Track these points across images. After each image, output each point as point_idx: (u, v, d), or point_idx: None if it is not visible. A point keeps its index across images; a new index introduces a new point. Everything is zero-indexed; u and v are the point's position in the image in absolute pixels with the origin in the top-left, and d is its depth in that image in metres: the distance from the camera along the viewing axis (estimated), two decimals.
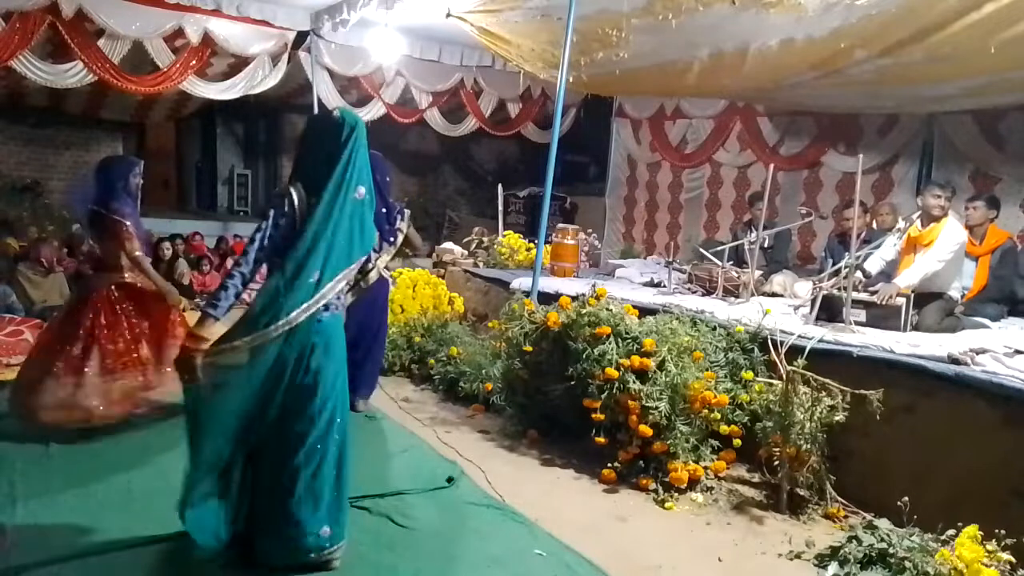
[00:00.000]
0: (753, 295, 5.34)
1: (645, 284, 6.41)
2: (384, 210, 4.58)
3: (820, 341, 4.04)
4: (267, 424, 2.80)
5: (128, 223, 4.28)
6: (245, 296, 2.88)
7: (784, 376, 3.74)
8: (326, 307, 2.82)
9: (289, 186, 2.85)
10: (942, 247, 4.51)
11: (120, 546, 3.03)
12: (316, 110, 8.13)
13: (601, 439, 4.05)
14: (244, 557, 2.89)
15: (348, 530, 2.99)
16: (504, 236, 7.83)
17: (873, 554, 2.93)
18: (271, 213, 2.79)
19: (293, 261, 2.73)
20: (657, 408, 3.89)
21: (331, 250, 2.77)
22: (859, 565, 2.93)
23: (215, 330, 2.74)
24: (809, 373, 3.72)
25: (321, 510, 2.85)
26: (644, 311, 4.67)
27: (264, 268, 2.83)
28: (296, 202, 2.79)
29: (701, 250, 6.14)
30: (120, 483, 3.63)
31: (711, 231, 8.40)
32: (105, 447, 4.06)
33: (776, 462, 3.82)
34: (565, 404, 4.41)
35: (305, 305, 2.74)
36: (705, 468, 3.98)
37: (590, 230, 7.87)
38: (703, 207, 8.64)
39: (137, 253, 4.30)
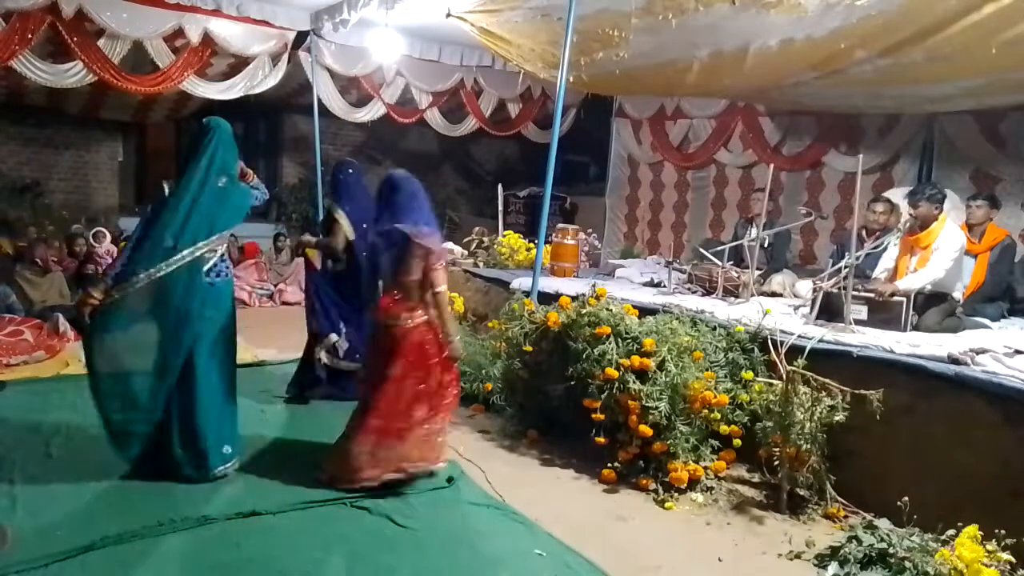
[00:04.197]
0: (753, 295, 5.34)
1: (645, 284, 6.41)
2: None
3: (820, 341, 4.04)
4: (172, 362, 3.52)
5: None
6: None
7: (784, 376, 3.74)
8: (218, 274, 3.63)
9: (164, 183, 3.75)
10: (944, 255, 4.49)
11: (120, 545, 3.04)
12: (316, 110, 8.14)
13: (601, 439, 4.04)
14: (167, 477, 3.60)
15: (242, 448, 3.84)
16: (504, 236, 7.83)
17: (873, 554, 2.94)
18: (150, 205, 3.72)
19: (155, 230, 3.51)
20: (657, 408, 3.89)
21: (187, 222, 3.51)
22: (859, 565, 2.93)
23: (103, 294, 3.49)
24: (809, 373, 3.72)
25: (221, 433, 3.67)
26: (644, 311, 4.67)
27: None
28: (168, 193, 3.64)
29: (701, 250, 6.14)
30: (120, 482, 3.64)
31: (716, 230, 8.38)
32: (106, 447, 4.06)
33: (776, 462, 3.82)
34: (565, 404, 4.41)
35: (163, 263, 3.47)
36: (705, 468, 3.98)
37: (590, 230, 7.85)
38: (708, 206, 8.62)
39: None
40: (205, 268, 3.59)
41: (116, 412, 3.53)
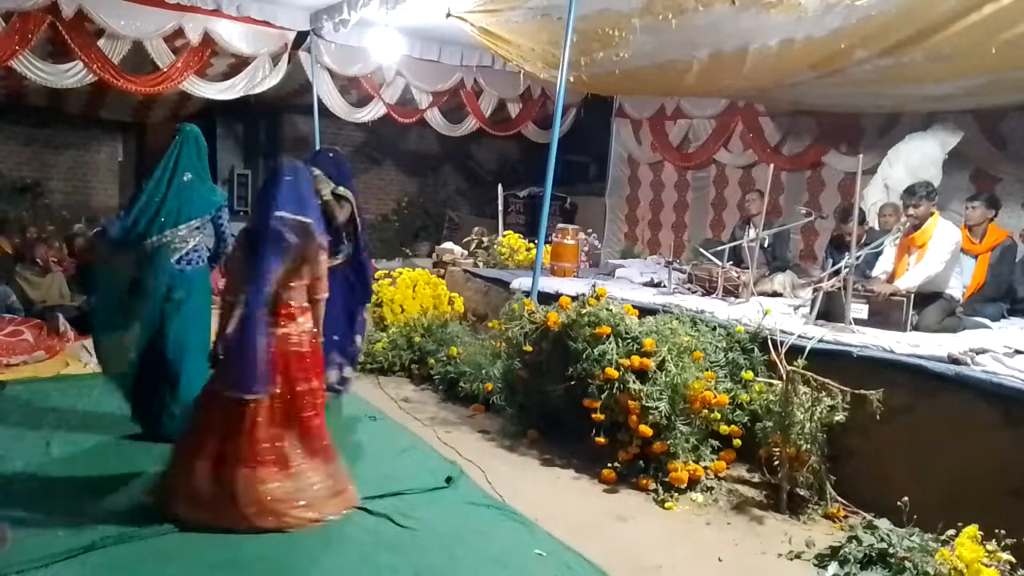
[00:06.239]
0: (753, 295, 5.35)
1: (645, 284, 6.41)
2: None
3: (820, 341, 4.04)
4: (146, 331, 4.03)
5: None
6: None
7: (784, 376, 3.74)
8: (188, 262, 4.14)
9: (143, 183, 4.22)
10: (940, 249, 4.50)
11: (120, 545, 3.03)
12: (316, 110, 8.14)
13: (601, 439, 4.04)
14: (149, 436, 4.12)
15: None
16: (504, 236, 7.83)
17: (873, 554, 2.93)
18: (130, 199, 4.25)
19: (129, 217, 4.07)
20: (657, 408, 3.89)
21: (158, 213, 4.06)
22: (859, 565, 2.93)
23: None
24: (809, 373, 3.72)
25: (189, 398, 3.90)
26: (644, 311, 4.67)
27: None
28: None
29: (700, 250, 6.15)
30: (120, 483, 3.64)
31: (717, 230, 8.39)
32: (106, 447, 4.08)
33: (776, 462, 3.81)
34: (565, 404, 4.40)
35: (147, 242, 4.03)
36: (705, 468, 3.98)
37: (590, 230, 7.86)
38: (709, 206, 8.62)
39: None
40: (176, 256, 4.10)
41: (111, 366, 4.17)
